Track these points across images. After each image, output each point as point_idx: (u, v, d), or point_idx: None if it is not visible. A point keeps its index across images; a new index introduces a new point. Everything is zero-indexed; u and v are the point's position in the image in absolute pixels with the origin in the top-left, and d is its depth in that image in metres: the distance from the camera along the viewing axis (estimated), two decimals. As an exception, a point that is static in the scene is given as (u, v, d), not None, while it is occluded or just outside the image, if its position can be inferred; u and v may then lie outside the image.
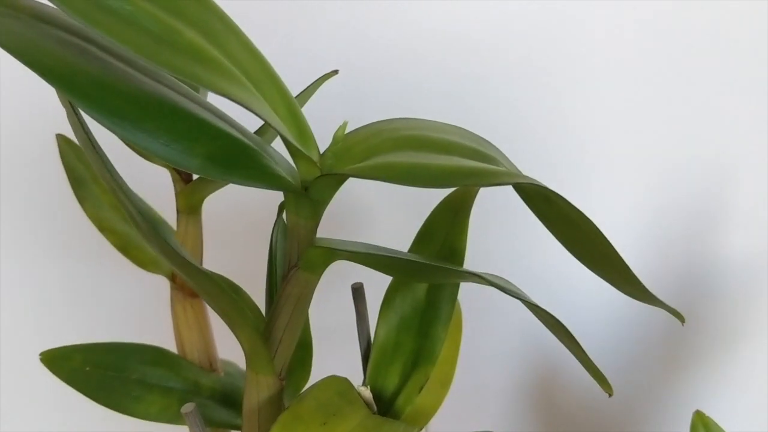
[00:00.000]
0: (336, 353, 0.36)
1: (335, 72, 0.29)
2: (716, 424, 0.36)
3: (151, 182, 0.34)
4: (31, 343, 0.32)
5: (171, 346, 0.33)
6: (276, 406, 0.25)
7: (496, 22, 0.44)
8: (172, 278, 0.33)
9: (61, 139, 0.35)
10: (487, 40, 0.44)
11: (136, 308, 0.47)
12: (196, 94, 0.23)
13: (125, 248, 0.33)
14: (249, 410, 0.25)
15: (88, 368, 0.31)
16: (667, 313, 0.46)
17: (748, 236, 0.45)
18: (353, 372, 0.30)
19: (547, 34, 0.44)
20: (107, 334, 0.33)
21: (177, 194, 0.32)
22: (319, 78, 0.29)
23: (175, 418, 0.30)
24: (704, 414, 0.36)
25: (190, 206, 0.32)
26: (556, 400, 0.51)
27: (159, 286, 0.34)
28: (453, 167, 0.21)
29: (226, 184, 0.31)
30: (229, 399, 0.32)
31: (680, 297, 0.47)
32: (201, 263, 0.32)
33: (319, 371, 0.30)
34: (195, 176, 0.32)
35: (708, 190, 0.45)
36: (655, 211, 0.46)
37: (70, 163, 0.35)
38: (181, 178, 0.32)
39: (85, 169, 0.35)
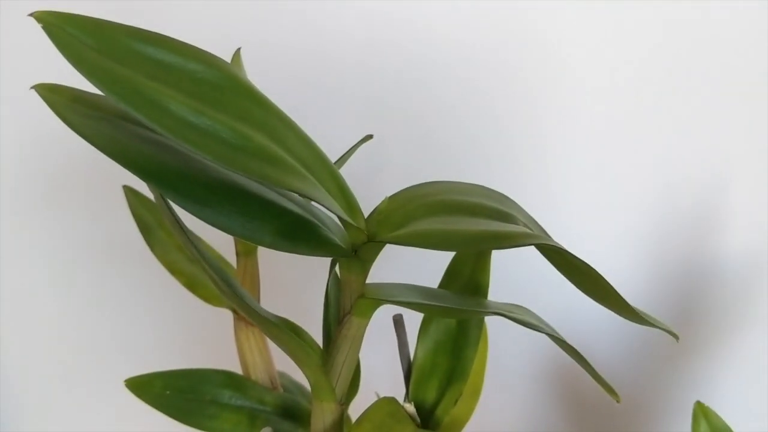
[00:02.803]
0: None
1: (370, 136, 0.33)
2: (716, 414, 0.40)
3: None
4: (117, 370, 0.37)
5: (237, 369, 0.38)
6: (339, 427, 0.30)
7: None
8: (234, 311, 0.38)
9: (128, 191, 0.40)
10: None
11: (205, 337, 0.53)
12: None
13: (192, 287, 0.38)
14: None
15: (168, 392, 0.36)
16: (669, 315, 0.51)
17: (745, 237, 0.49)
18: (393, 383, 0.35)
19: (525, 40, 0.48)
20: (182, 362, 0.38)
21: (236, 239, 0.37)
22: (355, 144, 0.33)
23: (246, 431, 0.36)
24: (704, 404, 0.40)
25: (247, 250, 0.37)
26: (570, 398, 0.56)
27: (223, 317, 0.39)
28: (479, 232, 0.25)
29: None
30: (290, 412, 0.37)
31: (681, 295, 0.51)
32: (258, 301, 0.37)
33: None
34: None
35: (706, 194, 0.49)
36: (656, 217, 0.50)
37: (138, 212, 0.39)
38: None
39: (151, 217, 0.39)
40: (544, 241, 0.26)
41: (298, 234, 0.26)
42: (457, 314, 0.31)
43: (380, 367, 0.38)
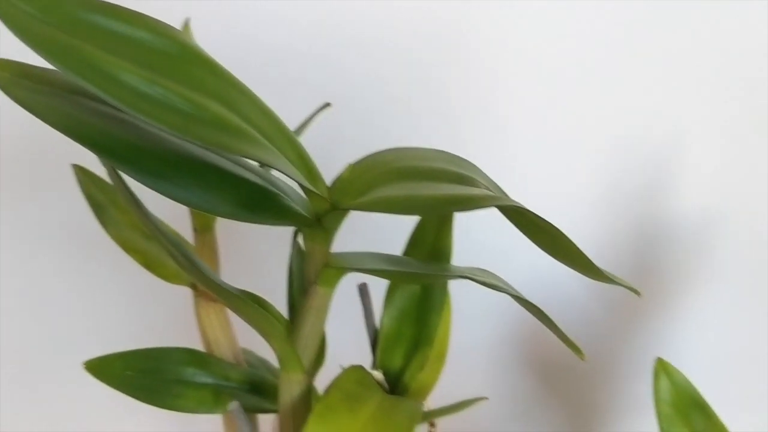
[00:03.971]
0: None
1: (328, 104, 0.33)
2: (677, 369, 0.41)
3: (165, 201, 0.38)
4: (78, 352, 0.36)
5: (199, 347, 0.37)
6: (306, 398, 0.30)
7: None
8: (194, 287, 0.37)
9: (78, 170, 0.39)
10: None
11: (165, 316, 0.52)
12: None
13: (150, 265, 0.37)
14: (284, 405, 0.30)
15: (129, 373, 0.36)
16: (627, 273, 0.52)
17: (698, 194, 0.50)
18: (358, 352, 0.35)
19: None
20: (143, 342, 0.37)
21: (192, 215, 0.36)
22: (313, 113, 0.33)
23: (212, 409, 0.35)
24: (665, 360, 0.41)
25: (205, 226, 0.36)
26: (535, 358, 0.57)
27: (182, 295, 0.38)
28: (442, 196, 0.25)
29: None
30: (256, 387, 0.37)
31: (637, 254, 0.52)
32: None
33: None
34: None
35: (660, 151, 0.50)
36: (610, 175, 0.50)
37: (89, 191, 0.38)
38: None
39: (103, 196, 0.38)
40: (506, 202, 0.26)
41: (259, 203, 0.26)
42: (423, 279, 0.31)
43: (346, 337, 0.38)
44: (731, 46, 0.47)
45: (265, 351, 0.40)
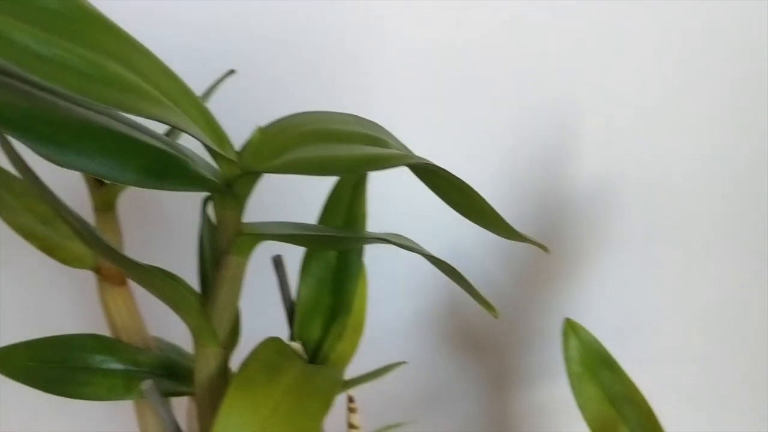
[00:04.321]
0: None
1: (233, 71, 0.32)
2: (585, 329, 0.42)
3: (62, 182, 0.36)
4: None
5: (105, 333, 0.36)
6: (224, 372, 0.29)
7: None
8: (97, 270, 0.35)
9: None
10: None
11: (66, 303, 0.49)
12: (120, 114, 0.26)
13: (49, 249, 0.35)
14: (201, 380, 0.29)
15: (32, 363, 0.34)
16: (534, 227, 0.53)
17: (601, 161, 0.52)
18: (275, 328, 0.34)
19: None
20: (46, 331, 0.35)
21: (92, 194, 0.34)
22: (218, 79, 0.32)
23: (124, 395, 0.34)
24: (573, 320, 0.42)
25: (105, 204, 0.34)
26: (452, 324, 0.58)
27: (85, 280, 0.36)
28: (356, 156, 0.25)
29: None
30: (168, 370, 0.36)
31: (542, 220, 0.53)
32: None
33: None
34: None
35: (558, 122, 0.51)
36: (511, 145, 0.51)
37: (-23, 175, 0.36)
38: (96, 179, 0.34)
39: (-7, 179, 0.36)
40: (420, 161, 0.26)
41: (165, 169, 0.25)
42: (340, 243, 0.31)
43: (261, 312, 0.37)
44: (623, 15, 0.49)
45: (173, 337, 0.39)
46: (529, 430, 0.60)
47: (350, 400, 0.40)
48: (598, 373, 0.41)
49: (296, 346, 0.32)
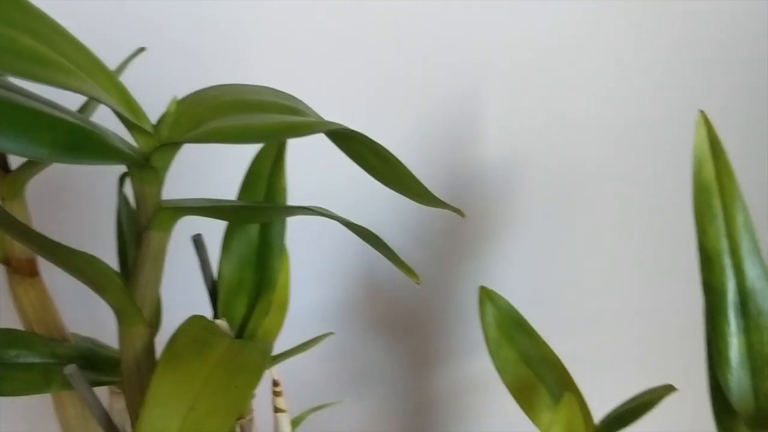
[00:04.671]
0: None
1: (143, 49, 0.32)
2: (499, 295, 0.44)
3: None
4: None
5: (18, 326, 0.34)
6: (150, 352, 0.28)
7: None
8: (7, 262, 0.34)
9: None
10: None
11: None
12: (32, 92, 0.25)
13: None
14: (128, 360, 0.28)
15: (-58, 363, 0.32)
16: (450, 215, 0.54)
17: (501, 136, 0.53)
18: (197, 310, 0.34)
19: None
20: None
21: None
22: (129, 56, 0.31)
23: (43, 388, 0.33)
24: (488, 288, 0.44)
25: (13, 192, 0.33)
26: (375, 307, 0.58)
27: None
28: (276, 123, 0.25)
29: (48, 166, 0.33)
30: (87, 361, 0.35)
31: (453, 192, 0.54)
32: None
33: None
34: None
35: (464, 95, 0.53)
36: (417, 117, 0.52)
37: None
38: (0, 167, 0.33)
39: None
40: (339, 127, 0.26)
41: (82, 143, 0.24)
42: (261, 215, 0.31)
43: (183, 294, 0.37)
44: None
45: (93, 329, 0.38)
46: (453, 406, 0.61)
47: (275, 384, 0.40)
48: (514, 337, 0.43)
49: (221, 323, 0.32)
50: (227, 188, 0.35)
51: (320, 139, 0.31)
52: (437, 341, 0.59)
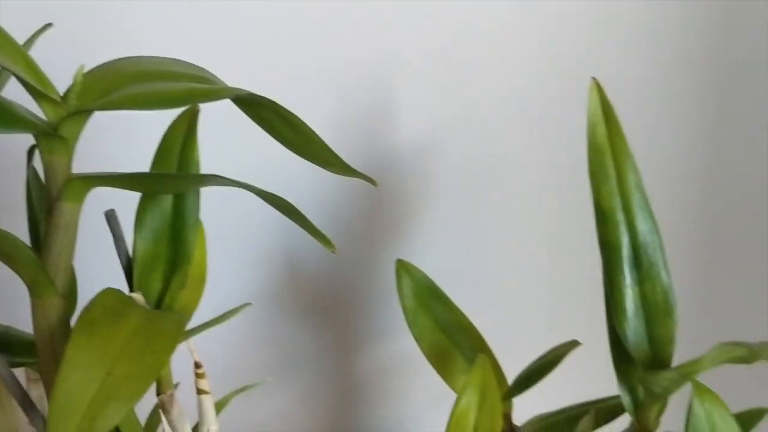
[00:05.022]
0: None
1: (50, 25, 0.31)
2: (415, 267, 0.45)
3: None
4: None
5: None
6: (65, 324, 0.28)
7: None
8: None
9: None
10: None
11: None
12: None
13: None
14: (41, 333, 0.28)
15: None
16: (366, 192, 0.55)
17: (418, 123, 0.55)
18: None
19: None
20: None
21: None
22: (36, 31, 0.31)
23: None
24: (404, 260, 0.45)
25: None
26: (295, 292, 0.59)
27: None
28: (186, 89, 0.26)
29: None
30: (2, 344, 0.34)
31: (370, 169, 0.55)
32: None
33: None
34: None
35: (380, 79, 0.54)
36: (337, 99, 0.53)
37: None
38: None
39: None
40: (248, 93, 0.27)
41: (-13, 112, 0.24)
42: (174, 185, 0.31)
43: (96, 272, 0.37)
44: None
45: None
46: (379, 386, 0.62)
47: (197, 366, 0.40)
48: (431, 306, 0.44)
49: (137, 296, 0.32)
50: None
51: (237, 122, 0.31)
52: (361, 323, 0.60)
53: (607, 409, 0.37)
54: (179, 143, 0.32)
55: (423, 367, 0.43)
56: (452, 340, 0.43)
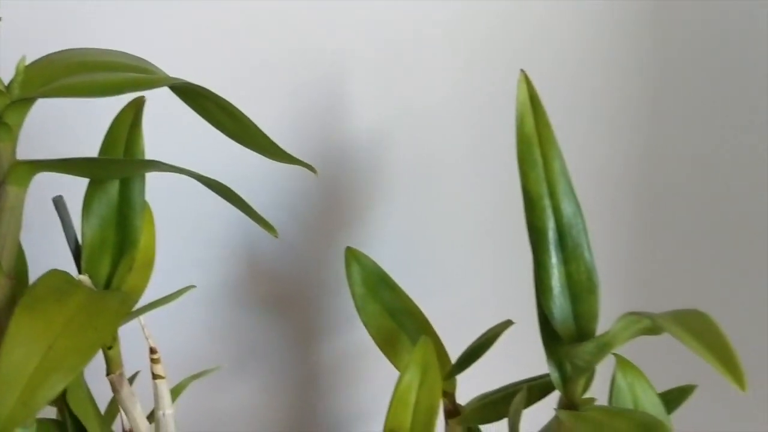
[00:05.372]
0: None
1: (-3, 18, 0.33)
2: (364, 254, 0.47)
3: None
4: None
5: None
6: (12, 303, 0.30)
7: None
8: None
9: None
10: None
11: None
12: None
13: None
14: (-12, 311, 0.29)
15: None
16: (321, 187, 0.57)
17: (367, 118, 0.56)
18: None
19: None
20: None
21: None
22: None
23: None
24: (354, 248, 0.47)
25: None
26: (254, 285, 0.60)
27: None
28: (122, 79, 0.27)
29: None
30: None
31: (325, 170, 0.57)
32: None
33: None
34: None
35: (331, 74, 0.55)
36: (290, 95, 0.55)
37: None
38: None
39: None
40: (185, 82, 0.28)
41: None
42: (119, 170, 0.32)
43: (49, 256, 0.38)
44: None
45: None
46: (339, 375, 0.64)
47: (152, 351, 0.42)
48: (379, 293, 0.46)
49: (84, 278, 0.33)
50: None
51: (188, 120, 0.33)
52: (320, 313, 0.62)
53: (540, 386, 0.38)
54: (124, 135, 0.33)
55: (377, 353, 0.45)
56: (399, 324, 0.45)
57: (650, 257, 0.63)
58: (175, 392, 0.45)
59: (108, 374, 0.37)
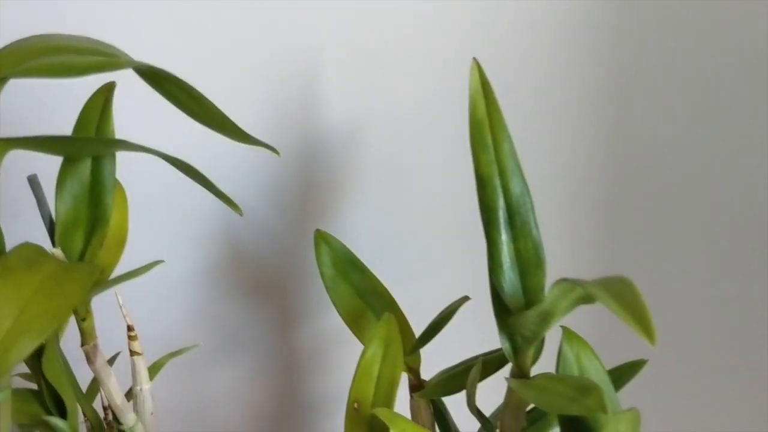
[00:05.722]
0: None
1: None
2: (334, 237, 0.49)
3: None
4: None
5: None
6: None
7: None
8: None
9: None
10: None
11: None
12: None
13: None
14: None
15: None
16: (299, 179, 0.58)
17: (342, 113, 0.58)
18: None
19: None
20: None
21: None
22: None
23: None
24: (322, 231, 0.49)
25: None
26: (234, 273, 0.62)
27: None
28: (88, 60, 0.29)
29: None
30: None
31: (304, 162, 0.59)
32: None
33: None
34: None
35: (308, 71, 0.57)
36: (269, 91, 0.57)
37: None
38: None
39: None
40: (149, 65, 0.30)
41: None
42: (90, 148, 0.34)
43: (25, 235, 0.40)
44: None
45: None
46: (320, 359, 0.66)
47: (129, 329, 0.44)
48: (348, 274, 0.48)
49: (57, 252, 0.35)
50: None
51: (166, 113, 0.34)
52: (300, 297, 0.64)
53: (496, 359, 0.40)
54: (95, 119, 0.35)
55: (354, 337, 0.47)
56: (367, 303, 0.47)
57: (616, 246, 0.65)
58: (154, 370, 0.47)
59: (82, 345, 0.39)
